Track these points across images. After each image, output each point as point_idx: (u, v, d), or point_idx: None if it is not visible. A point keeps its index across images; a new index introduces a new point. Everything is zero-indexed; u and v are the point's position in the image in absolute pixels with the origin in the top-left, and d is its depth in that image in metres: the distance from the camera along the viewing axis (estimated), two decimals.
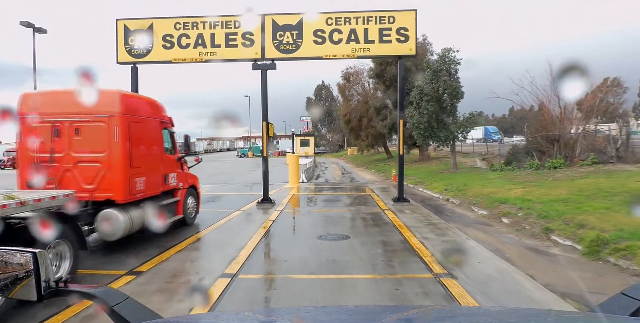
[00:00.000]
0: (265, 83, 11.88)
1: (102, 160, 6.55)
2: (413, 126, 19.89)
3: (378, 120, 30.68)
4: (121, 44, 12.04)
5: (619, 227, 6.96)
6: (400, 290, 4.86)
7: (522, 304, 4.43)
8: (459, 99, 19.21)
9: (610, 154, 14.22)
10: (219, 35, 11.76)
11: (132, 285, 5.14)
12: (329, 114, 75.90)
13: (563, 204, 9.31)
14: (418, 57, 21.49)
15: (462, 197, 12.71)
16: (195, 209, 9.41)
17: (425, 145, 24.22)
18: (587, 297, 4.90)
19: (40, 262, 1.16)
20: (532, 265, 6.21)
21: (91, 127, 6.55)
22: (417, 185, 17.29)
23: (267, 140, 12.24)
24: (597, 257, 6.43)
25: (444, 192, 14.27)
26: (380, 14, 11.48)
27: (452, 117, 19.58)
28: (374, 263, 6.06)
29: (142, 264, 6.04)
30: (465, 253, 6.65)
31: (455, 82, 18.84)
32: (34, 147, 6.54)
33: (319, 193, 15.67)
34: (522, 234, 8.27)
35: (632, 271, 5.75)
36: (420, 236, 7.68)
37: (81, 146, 6.58)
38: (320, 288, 5.00)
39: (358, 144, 40.67)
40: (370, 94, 35.53)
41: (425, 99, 19.11)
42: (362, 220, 9.53)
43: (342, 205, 12.09)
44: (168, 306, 4.45)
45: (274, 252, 7.21)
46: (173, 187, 8.40)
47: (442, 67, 18.67)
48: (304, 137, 29.08)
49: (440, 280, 5.19)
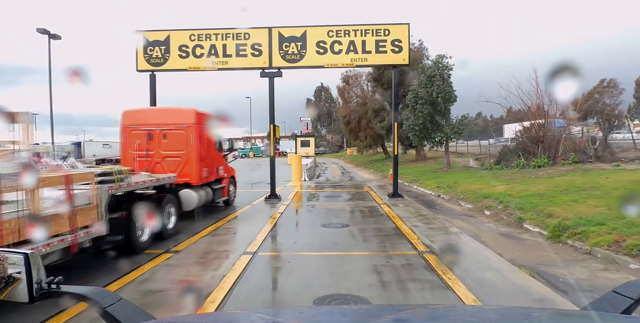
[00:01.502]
0: (272, 89, 13.08)
1: (182, 156, 9.53)
2: (409, 128, 21.10)
3: (376, 121, 31.89)
4: (140, 53, 13.22)
5: (579, 216, 8.17)
6: (389, 262, 6.05)
7: (484, 272, 5.62)
8: (452, 103, 20.43)
9: (590, 153, 15.41)
10: (230, 46, 12.95)
11: (170, 260, 6.33)
12: (328, 115, 77.11)
13: (538, 198, 10.50)
14: (414, 62, 22.73)
15: (451, 193, 13.91)
16: (234, 193, 12.52)
17: (420, 146, 25.40)
18: (539, 267, 6.11)
19: (32, 263, 1.13)
20: (502, 246, 7.40)
21: (174, 134, 9.56)
22: (412, 183, 18.49)
23: (274, 142, 13.44)
24: (558, 240, 7.63)
25: (436, 189, 15.47)
26: (377, 27, 12.68)
27: (446, 120, 20.78)
28: (369, 244, 7.26)
29: (177, 245, 7.24)
30: (447, 238, 7.83)
31: (448, 86, 20.05)
32: (134, 147, 9.57)
33: (320, 190, 16.85)
34: (499, 223, 9.47)
35: (583, 250, 6.94)
36: (410, 224, 8.87)
37: (167, 146, 9.58)
38: (325, 262, 6.18)
39: (357, 144, 41.86)
40: (368, 96, 36.70)
41: (420, 102, 20.32)
42: (360, 213, 10.72)
43: (342, 200, 13.28)
44: (204, 274, 5.64)
45: (284, 237, 8.40)
46: (221, 176, 11.26)
47: (435, 73, 19.89)
48: (304, 137, 30.23)
49: (423, 255, 6.38)
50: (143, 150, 9.45)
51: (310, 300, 4.52)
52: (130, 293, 4.90)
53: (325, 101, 78.72)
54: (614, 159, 15.09)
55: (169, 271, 5.80)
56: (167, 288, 5.10)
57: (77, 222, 5.25)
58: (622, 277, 5.62)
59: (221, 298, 4.64)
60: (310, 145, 27.94)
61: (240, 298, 4.73)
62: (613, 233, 6.99)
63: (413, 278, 5.31)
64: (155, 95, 13.41)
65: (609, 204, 8.57)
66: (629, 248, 6.33)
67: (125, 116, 9.85)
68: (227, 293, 4.78)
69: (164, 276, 5.57)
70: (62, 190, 5.07)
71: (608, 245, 6.69)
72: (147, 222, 6.91)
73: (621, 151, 18.84)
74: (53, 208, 4.92)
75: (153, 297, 4.80)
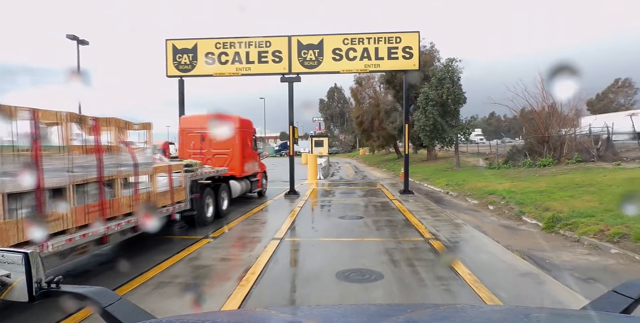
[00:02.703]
0: (292, 93, 14.10)
1: (228, 154, 11.65)
2: (420, 128, 21.96)
3: (388, 122, 32.74)
4: (170, 60, 14.34)
5: (572, 209, 9.01)
6: (399, 246, 7.01)
7: (481, 254, 6.55)
8: (462, 104, 21.22)
9: (592, 153, 16.14)
10: (253, 53, 14.00)
11: (211, 244, 7.37)
12: (341, 115, 77.93)
13: (539, 194, 11.33)
14: (426, 64, 23.59)
15: (459, 190, 14.77)
16: (266, 186, 14.88)
17: (431, 146, 26.21)
18: (530, 251, 7.00)
19: (32, 262, 1.13)
20: (500, 235, 8.29)
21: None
22: (422, 181, 19.37)
23: (293, 142, 14.47)
24: (552, 230, 8.49)
25: (445, 187, 16.33)
26: (389, 35, 13.61)
27: (455, 120, 21.59)
28: (381, 232, 8.23)
29: (214, 232, 8.29)
30: (451, 228, 8.74)
31: (457, 89, 20.86)
32: (189, 146, 11.67)
33: (335, 187, 17.83)
34: (501, 217, 10.34)
35: (572, 238, 7.80)
36: (419, 217, 9.80)
37: (217, 146, 11.65)
38: (343, 245, 7.16)
39: (369, 144, 42.69)
40: (381, 97, 37.55)
41: (431, 104, 21.16)
42: (373, 207, 11.66)
43: (356, 196, 14.24)
44: (242, 254, 6.65)
45: (306, 226, 9.40)
46: (256, 171, 13.36)
47: (446, 76, 20.71)
48: (318, 138, 31.31)
49: (428, 241, 7.32)
50: (197, 149, 11.54)
51: (333, 273, 5.49)
52: (182, 268, 5.95)
53: (339, 101, 79.56)
54: (615, 159, 15.78)
55: (212, 251, 6.84)
56: (213, 264, 6.13)
57: (174, 198, 7.41)
58: (602, 259, 6.50)
59: (259, 271, 5.64)
60: (324, 145, 28.99)
61: (274, 271, 5.74)
62: (600, 224, 7.83)
63: (418, 258, 6.27)
64: (183, 98, 14.52)
65: (600, 199, 9.40)
66: (612, 236, 7.19)
67: (183, 121, 12.23)
68: (263, 268, 5.79)
69: (209, 255, 6.61)
70: (166, 176, 7.25)
71: (594, 234, 7.54)
72: (211, 202, 9.34)
73: (626, 151, 19.48)
74: (163, 188, 7.08)
75: (203, 270, 5.84)
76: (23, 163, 3.92)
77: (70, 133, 4.73)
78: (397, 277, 5.36)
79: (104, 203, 5.34)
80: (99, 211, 5.21)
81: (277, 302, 4.62)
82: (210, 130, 11.27)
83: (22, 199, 4.04)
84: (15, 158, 3.89)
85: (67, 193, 4.64)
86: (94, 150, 5.13)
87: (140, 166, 6.19)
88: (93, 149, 5.12)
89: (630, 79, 72.26)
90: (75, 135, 4.82)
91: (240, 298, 4.62)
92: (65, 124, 4.64)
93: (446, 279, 5.26)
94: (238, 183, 11.45)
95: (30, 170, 3.95)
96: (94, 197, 5.19)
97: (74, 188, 4.74)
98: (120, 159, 5.74)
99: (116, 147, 5.67)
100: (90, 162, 5.07)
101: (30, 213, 4.06)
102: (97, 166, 5.17)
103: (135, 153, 6.13)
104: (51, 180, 4.35)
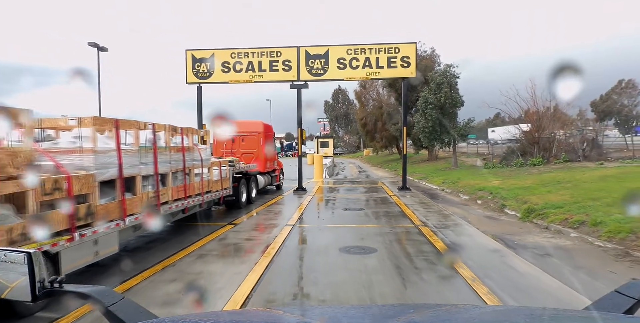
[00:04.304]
0: (300, 99, 15.49)
1: (254, 153, 13.94)
2: (420, 130, 23.29)
3: (391, 124, 34.08)
4: (189, 68, 15.77)
5: (547, 202, 10.32)
6: (393, 230, 8.36)
7: (460, 236, 7.90)
8: (459, 107, 22.54)
9: (579, 153, 17.40)
10: (265, 62, 15.40)
11: (235, 228, 8.76)
12: (346, 116, 79.32)
13: (523, 190, 12.63)
14: (427, 68, 24.92)
15: (453, 187, 16.08)
16: (282, 180, 17.38)
17: (431, 147, 27.51)
18: (503, 235, 8.31)
19: (35, 262, 1.14)
20: (481, 224, 9.61)
21: (249, 138, 13.97)
22: (421, 180, 20.69)
23: (301, 143, 15.88)
24: (527, 219, 9.80)
25: (441, 184, 17.64)
26: (388, 46, 14.97)
27: (453, 123, 22.90)
28: (379, 220, 9.59)
29: (235, 220, 9.68)
30: (440, 217, 10.08)
31: (455, 93, 22.18)
32: (222, 147, 13.73)
33: (340, 185, 19.20)
34: (486, 209, 11.66)
35: (542, 226, 9.11)
36: (413, 209, 11.14)
37: (244, 147, 13.94)
38: (346, 230, 8.53)
39: (373, 145, 44.04)
40: (384, 99, 38.88)
41: (430, 107, 22.49)
42: (373, 201, 13.02)
43: (359, 192, 15.60)
44: (261, 236, 8.04)
45: (314, 215, 10.78)
46: (275, 168, 15.67)
47: (443, 81, 22.03)
48: (323, 139, 32.64)
49: (418, 227, 8.67)
50: (229, 149, 13.70)
51: (337, 248, 6.85)
52: (215, 245, 7.34)
53: (343, 103, 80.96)
54: (600, 158, 17.04)
55: (236, 234, 8.24)
56: (239, 242, 7.53)
57: (222, 185, 9.77)
58: (561, 241, 7.81)
59: (278, 247, 7.02)
60: (329, 145, 30.34)
61: (290, 247, 7.12)
62: (566, 213, 9.14)
63: (407, 238, 7.63)
64: (201, 102, 15.94)
65: (572, 193, 10.71)
66: (573, 223, 8.50)
67: None
68: (280, 245, 7.16)
69: (235, 236, 8.01)
70: (218, 169, 9.60)
71: (560, 222, 8.85)
72: (244, 190, 11.74)
73: (614, 151, 20.72)
74: (216, 177, 9.41)
75: (231, 247, 7.23)
76: (149, 157, 6.16)
77: (169, 138, 6.81)
78: (388, 250, 6.72)
79: (186, 185, 7.67)
80: (183, 191, 7.56)
81: (294, 266, 6.00)
82: (239, 133, 13.64)
83: (147, 180, 6.28)
84: (145, 154, 5.89)
85: (168, 177, 6.92)
86: (180, 149, 7.44)
87: (204, 161, 8.62)
88: (180, 148, 7.42)
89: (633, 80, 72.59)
90: (172, 139, 7.05)
91: (265, 264, 5.99)
92: (167, 132, 6.87)
93: (427, 253, 6.61)
94: (262, 177, 13.87)
95: (152, 162, 6.21)
96: (181, 181, 7.54)
97: (172, 174, 7.06)
98: (194, 155, 8.08)
99: (192, 147, 7.80)
100: (179, 157, 7.40)
101: (152, 189, 6.12)
102: (182, 160, 7.49)
103: (201, 151, 8.48)
104: (161, 168, 6.58)
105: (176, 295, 4.73)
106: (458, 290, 4.92)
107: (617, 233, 7.36)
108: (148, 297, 4.67)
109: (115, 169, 5.00)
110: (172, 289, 4.94)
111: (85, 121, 4.45)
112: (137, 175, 5.73)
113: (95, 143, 4.52)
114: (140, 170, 5.80)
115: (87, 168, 4.40)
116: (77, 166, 4.34)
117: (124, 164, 5.20)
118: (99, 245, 4.66)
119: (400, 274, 5.51)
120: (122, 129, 5.37)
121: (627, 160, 17.12)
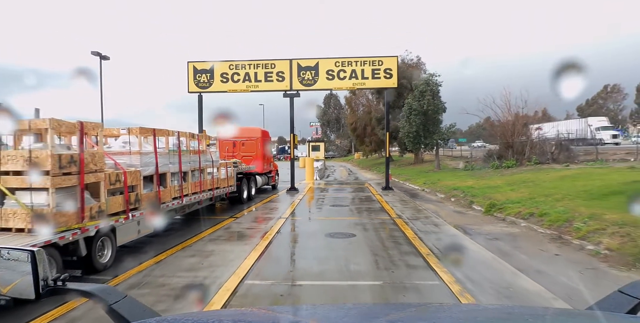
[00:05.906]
0: (292, 107, 17.00)
1: (253, 156, 15.48)
2: (405, 135, 24.87)
3: (379, 129, 35.61)
4: (191, 78, 17.20)
5: (507, 198, 11.87)
6: (371, 221, 9.86)
7: (428, 226, 9.40)
8: (441, 113, 24.16)
9: (548, 156, 19.05)
10: (260, 74, 16.88)
11: (237, 220, 10.20)
12: (337, 120, 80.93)
13: (491, 189, 14.19)
14: (413, 76, 26.55)
15: (433, 188, 17.63)
16: (277, 181, 18.92)
17: (416, 150, 29.10)
18: (465, 225, 9.82)
19: (38, 260, 1.15)
20: (449, 217, 11.13)
21: (249, 143, 15.66)
22: (405, 181, 22.24)
23: (293, 147, 17.38)
24: (489, 213, 11.33)
25: (422, 185, 19.18)
26: (373, 59, 16.53)
27: (436, 128, 24.51)
28: (361, 214, 11.09)
29: (237, 213, 11.12)
30: (414, 212, 11.59)
31: (437, 100, 23.79)
32: (225, 151, 14.76)
33: (329, 186, 20.68)
34: (457, 205, 13.20)
35: (500, 218, 10.63)
36: (391, 205, 12.65)
37: (244, 150, 15.53)
38: (332, 221, 10.02)
39: (363, 149, 45.63)
40: (373, 105, 40.50)
41: (414, 113, 24.08)
42: (358, 199, 14.52)
43: (346, 192, 17.10)
44: (260, 225, 9.48)
45: (305, 211, 12.25)
46: (271, 169, 17.28)
47: (426, 89, 23.64)
48: (315, 142, 34.09)
49: (393, 219, 10.17)
50: (231, 153, 15.12)
51: (323, 234, 8.31)
52: (221, 232, 8.77)
53: (335, 108, 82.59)
54: (567, 161, 18.68)
55: (239, 224, 9.68)
56: (242, 231, 8.97)
57: (228, 183, 11.46)
58: (511, 229, 9.33)
59: (274, 233, 8.47)
60: (320, 149, 31.83)
61: (284, 234, 8.58)
62: (521, 208, 10.68)
63: (382, 227, 9.13)
64: (202, 110, 17.39)
65: (530, 191, 12.28)
66: (525, 215, 10.04)
67: (219, 132, 15.77)
68: (277, 232, 8.61)
69: (237, 226, 9.45)
70: (225, 169, 11.33)
71: (514, 214, 10.39)
72: (245, 188, 13.54)
73: (584, 154, 22.39)
74: (223, 176, 10.62)
75: (235, 234, 8.68)
76: (176, 158, 7.73)
77: (189, 143, 8.31)
78: (365, 235, 8.22)
79: (201, 182, 9.38)
80: (198, 186, 9.16)
81: (289, 246, 7.47)
82: (240, 139, 15.60)
83: (173, 176, 7.63)
84: (172, 156, 7.38)
85: (188, 175, 8.57)
86: (197, 152, 9.08)
87: (214, 162, 10.31)
88: (197, 151, 9.08)
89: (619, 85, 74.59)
90: (191, 144, 8.66)
91: (264, 244, 7.44)
92: (187, 138, 8.62)
93: (397, 237, 8.10)
94: (260, 178, 15.66)
95: (177, 162, 7.81)
96: (197, 178, 9.20)
97: (191, 172, 8.72)
98: (207, 157, 9.78)
99: (205, 150, 9.30)
100: (196, 158, 9.02)
101: (177, 184, 7.63)
102: (198, 161, 9.10)
103: (212, 154, 9.78)
104: (184, 167, 8.22)
105: (197, 265, 6.18)
106: (415, 260, 6.41)
107: (555, 222, 8.91)
108: (176, 265, 6.11)
109: (153, 167, 6.48)
110: (193, 261, 6.38)
111: (133, 130, 5.93)
112: (167, 172, 7.28)
113: (141, 147, 5.98)
114: (169, 168, 7.43)
115: (134, 166, 5.86)
116: (128, 164, 5.80)
117: (159, 163, 6.64)
118: (140, 225, 6.10)
119: (372, 251, 7.00)
120: (158, 136, 6.85)
121: (590, 162, 18.77)
